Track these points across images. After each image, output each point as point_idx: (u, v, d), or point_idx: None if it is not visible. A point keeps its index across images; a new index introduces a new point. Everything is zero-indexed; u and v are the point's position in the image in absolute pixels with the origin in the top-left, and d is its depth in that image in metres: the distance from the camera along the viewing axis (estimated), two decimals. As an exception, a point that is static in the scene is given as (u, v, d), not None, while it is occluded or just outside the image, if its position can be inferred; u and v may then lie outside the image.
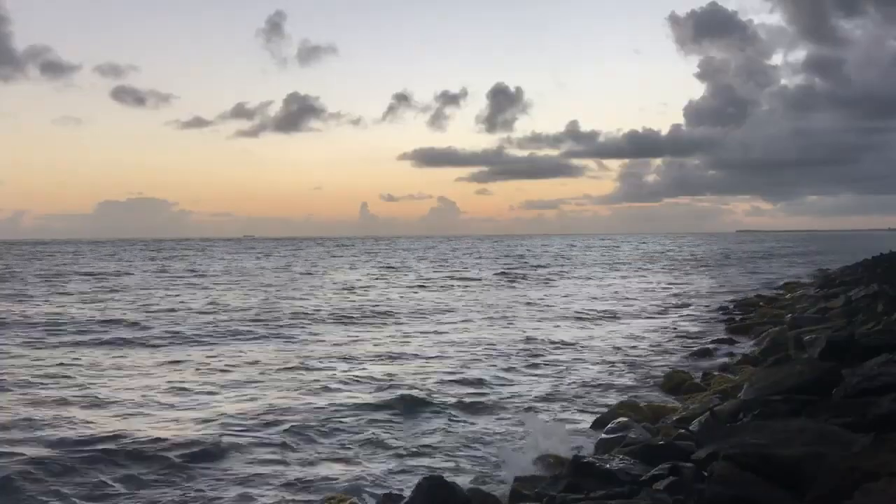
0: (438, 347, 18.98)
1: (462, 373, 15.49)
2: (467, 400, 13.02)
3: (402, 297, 33.54)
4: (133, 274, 50.80)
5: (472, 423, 11.56)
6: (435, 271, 54.59)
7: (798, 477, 5.64)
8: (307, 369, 15.96)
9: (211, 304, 29.69)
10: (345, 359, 17.27)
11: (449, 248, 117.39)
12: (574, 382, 14.53)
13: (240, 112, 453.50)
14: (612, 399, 12.75)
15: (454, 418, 11.84)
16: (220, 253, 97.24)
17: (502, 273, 51.51)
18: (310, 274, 50.90)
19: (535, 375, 15.34)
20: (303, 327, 22.89)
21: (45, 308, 27.90)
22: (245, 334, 21.17)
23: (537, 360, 17.01)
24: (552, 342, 19.76)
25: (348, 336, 21.10)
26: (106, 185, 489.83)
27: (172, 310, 27.31)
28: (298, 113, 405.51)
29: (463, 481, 8.34)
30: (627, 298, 33.11)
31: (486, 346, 19.00)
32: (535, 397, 13.29)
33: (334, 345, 19.47)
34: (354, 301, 31.24)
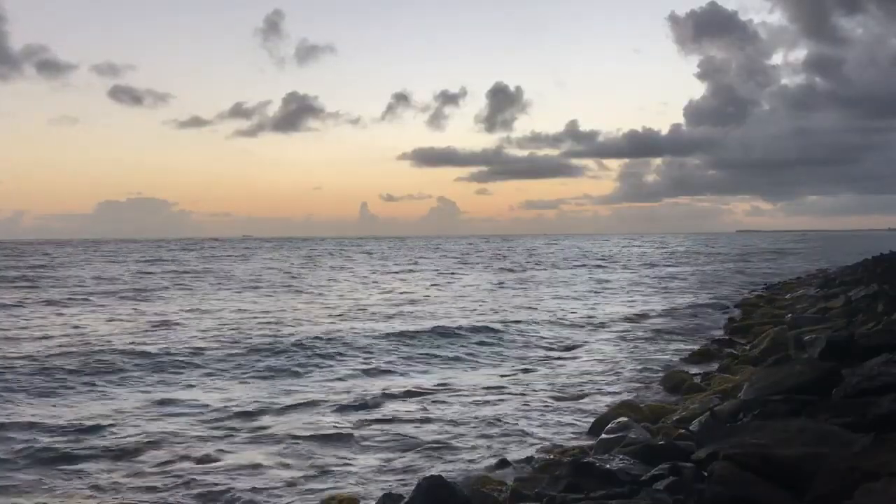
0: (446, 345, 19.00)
1: (464, 372, 15.52)
2: (467, 401, 13.03)
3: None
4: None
5: (473, 425, 11.55)
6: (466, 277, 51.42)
7: (798, 477, 5.64)
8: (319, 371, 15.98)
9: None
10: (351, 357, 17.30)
11: (460, 248, 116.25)
12: (574, 382, 14.53)
13: (238, 112, 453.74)
14: (612, 399, 12.75)
15: (454, 419, 11.83)
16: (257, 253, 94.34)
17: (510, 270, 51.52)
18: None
19: (534, 376, 15.34)
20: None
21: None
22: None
23: (536, 360, 17.02)
24: (551, 341, 19.77)
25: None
26: (105, 184, 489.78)
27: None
28: (297, 112, 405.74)
29: (463, 481, 8.34)
30: (628, 298, 33.13)
31: (491, 347, 19.01)
32: (535, 397, 13.28)
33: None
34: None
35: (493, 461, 9.50)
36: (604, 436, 9.54)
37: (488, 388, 14.07)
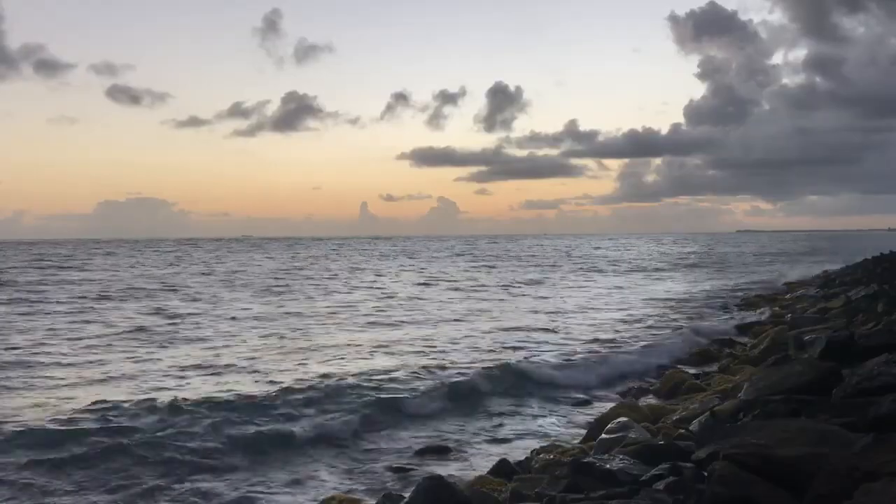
0: (446, 344, 19.02)
1: (466, 372, 15.51)
2: (469, 399, 13.03)
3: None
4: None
5: (473, 424, 11.56)
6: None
7: (798, 477, 5.64)
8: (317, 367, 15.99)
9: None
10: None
11: (477, 249, 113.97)
12: (575, 382, 14.53)
13: (236, 111, 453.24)
14: (612, 399, 12.75)
15: (455, 419, 11.84)
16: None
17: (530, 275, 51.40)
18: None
19: (534, 376, 15.32)
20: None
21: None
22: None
23: (537, 360, 17.01)
24: (550, 341, 19.76)
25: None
26: (105, 184, 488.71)
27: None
28: (296, 112, 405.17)
29: (463, 481, 8.34)
30: (628, 299, 33.13)
31: (493, 345, 19.03)
32: (535, 398, 13.29)
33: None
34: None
35: (494, 461, 9.50)
36: (604, 436, 9.53)
37: (490, 385, 14.07)
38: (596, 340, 19.73)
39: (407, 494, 7.93)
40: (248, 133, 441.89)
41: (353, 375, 14.60)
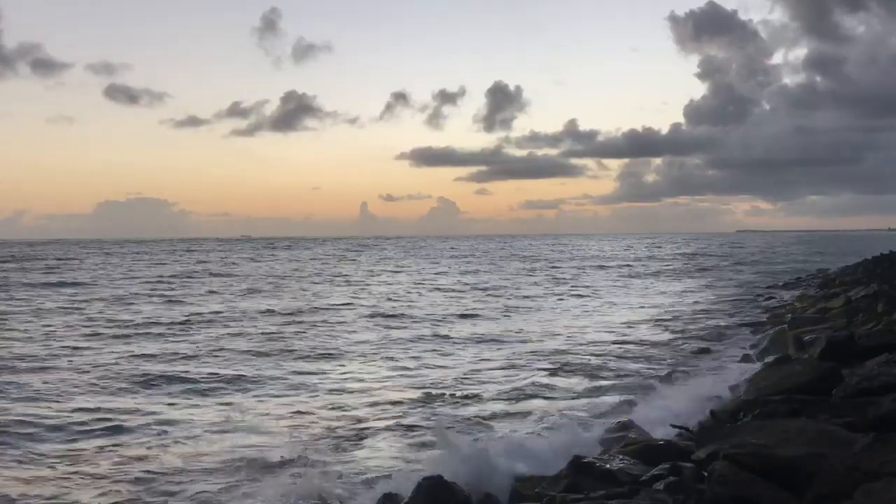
0: (451, 351, 19.02)
1: (468, 373, 15.53)
2: (471, 400, 13.04)
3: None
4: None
5: (475, 424, 11.55)
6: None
7: (798, 477, 5.64)
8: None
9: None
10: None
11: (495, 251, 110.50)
12: (576, 382, 14.52)
13: (235, 111, 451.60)
14: (613, 398, 12.74)
15: (458, 418, 11.83)
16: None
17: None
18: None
19: (531, 372, 15.33)
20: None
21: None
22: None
23: (536, 361, 17.02)
24: (551, 342, 19.78)
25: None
26: (104, 184, 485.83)
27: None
28: (295, 112, 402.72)
29: (463, 481, 8.33)
30: (628, 299, 33.15)
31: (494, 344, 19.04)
32: (532, 397, 13.29)
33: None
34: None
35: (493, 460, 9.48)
36: (604, 436, 9.54)
37: (487, 384, 14.07)
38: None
39: (407, 494, 7.93)
40: (247, 133, 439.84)
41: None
